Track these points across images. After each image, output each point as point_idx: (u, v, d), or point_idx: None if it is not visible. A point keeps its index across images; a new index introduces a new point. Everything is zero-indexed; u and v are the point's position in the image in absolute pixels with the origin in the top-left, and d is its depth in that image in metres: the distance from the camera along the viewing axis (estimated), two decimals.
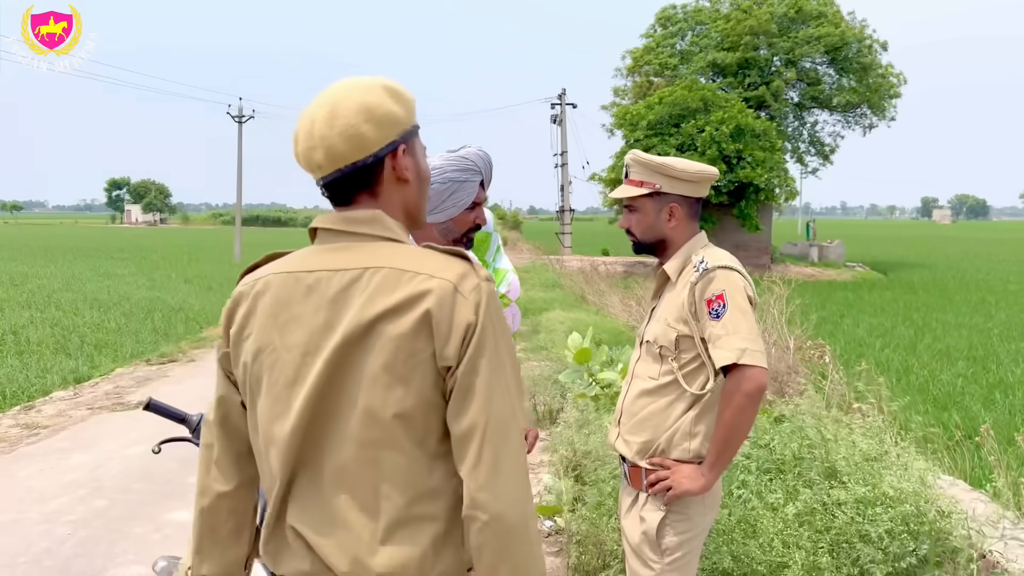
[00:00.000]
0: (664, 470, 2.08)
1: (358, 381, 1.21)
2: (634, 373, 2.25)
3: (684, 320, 2.10)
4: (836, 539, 2.67)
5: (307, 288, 1.26)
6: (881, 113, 32.21)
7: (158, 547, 4.02)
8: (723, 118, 24.85)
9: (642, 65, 33.37)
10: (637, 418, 2.15)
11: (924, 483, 2.73)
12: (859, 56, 31.28)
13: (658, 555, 2.08)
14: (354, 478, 1.22)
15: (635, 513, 2.14)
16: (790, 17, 31.64)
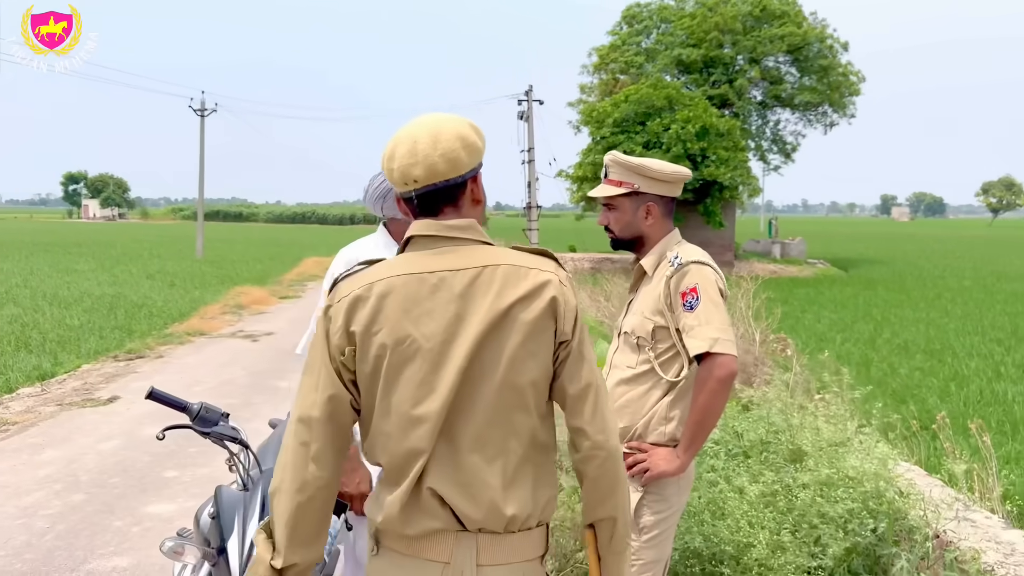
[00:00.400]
0: (641, 453, 2.19)
1: (498, 358, 1.46)
2: (612, 364, 2.36)
3: (660, 312, 2.22)
4: (798, 519, 2.82)
5: (432, 286, 1.47)
6: (842, 111, 32.81)
7: (139, 540, 4.06)
8: (688, 117, 25.15)
9: (608, 63, 33.61)
10: (616, 405, 2.26)
11: (885, 465, 2.88)
12: (820, 56, 31.85)
13: (635, 533, 2.19)
14: (487, 439, 1.47)
15: None
16: (755, 16, 32.09)
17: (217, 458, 5.34)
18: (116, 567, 3.75)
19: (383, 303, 1.47)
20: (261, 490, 2.06)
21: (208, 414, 2.23)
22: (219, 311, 13.27)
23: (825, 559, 2.64)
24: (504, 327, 1.46)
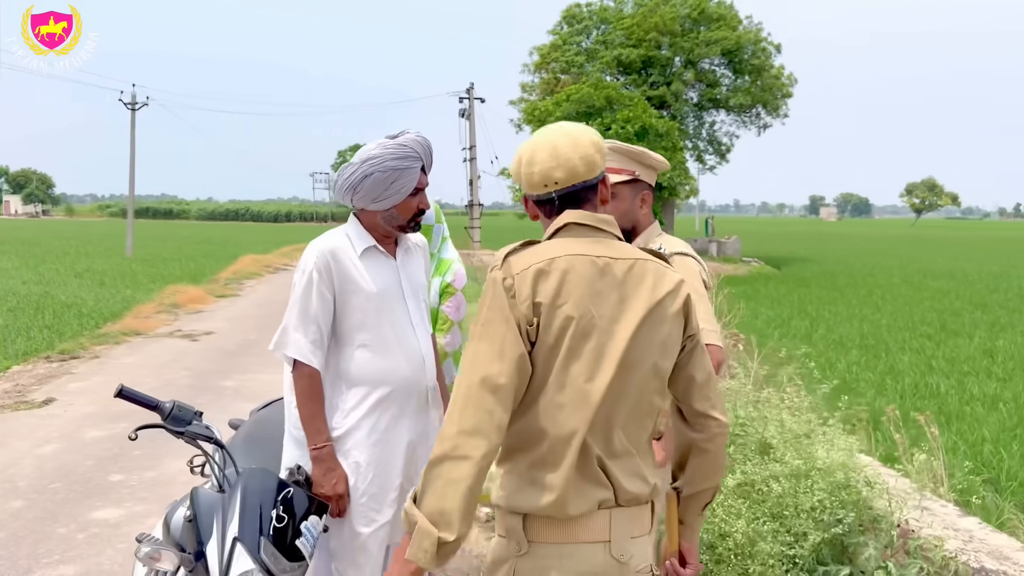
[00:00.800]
0: None
1: (651, 345, 1.60)
2: None
3: None
4: (773, 509, 2.86)
5: (600, 270, 1.59)
6: (775, 113, 33.68)
7: (85, 547, 3.89)
8: (628, 117, 25.49)
9: (549, 62, 33.81)
10: None
11: (852, 456, 2.95)
12: (754, 58, 32.63)
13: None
14: (635, 418, 1.61)
15: None
16: (692, 18, 32.68)
17: (164, 460, 5.17)
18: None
19: (566, 278, 1.55)
20: (240, 491, 1.98)
21: (181, 413, 2.14)
22: (154, 310, 12.85)
23: (802, 549, 2.68)
24: (657, 317, 1.60)
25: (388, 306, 2.47)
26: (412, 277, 2.57)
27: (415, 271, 2.59)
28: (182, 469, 4.96)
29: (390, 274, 2.50)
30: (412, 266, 2.58)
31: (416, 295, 2.56)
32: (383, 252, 2.51)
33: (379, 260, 2.49)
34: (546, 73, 34.25)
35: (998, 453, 6.24)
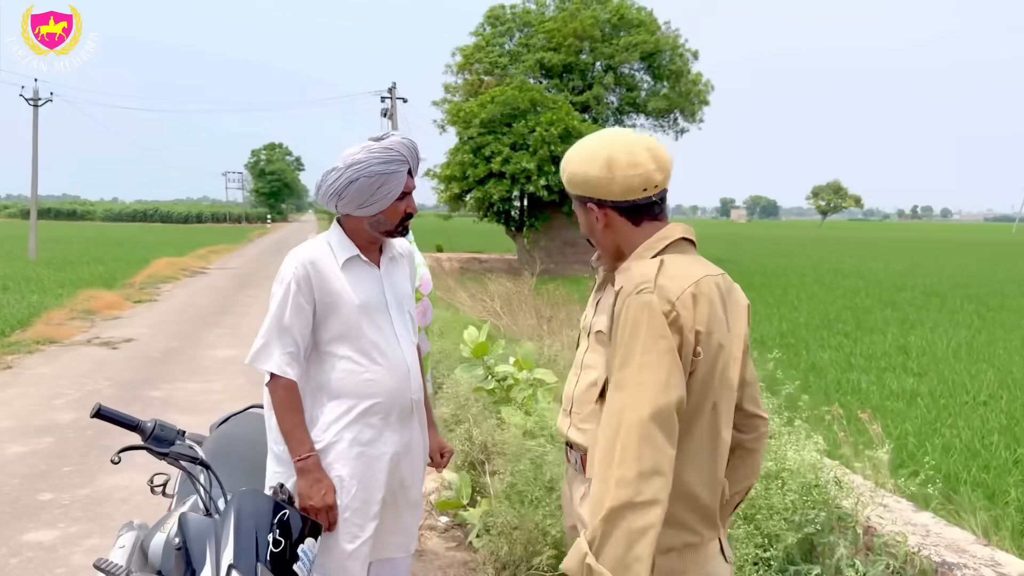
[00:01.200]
0: None
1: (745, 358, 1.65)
2: (584, 364, 2.29)
3: None
4: (745, 512, 2.90)
5: (721, 292, 1.58)
6: (692, 118, 34.53)
7: (19, 572, 3.64)
8: (552, 120, 25.66)
9: (472, 63, 33.79)
10: (588, 406, 2.21)
11: (821, 457, 3.02)
12: (672, 63, 33.37)
13: None
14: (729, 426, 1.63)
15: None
16: (612, 24, 33.17)
17: (97, 477, 4.90)
18: None
19: (712, 302, 1.52)
20: (233, 515, 1.86)
21: (163, 432, 2.01)
22: (67, 317, 12.21)
23: (775, 550, 2.73)
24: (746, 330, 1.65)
25: (371, 317, 2.41)
26: (396, 287, 2.50)
27: (400, 280, 2.52)
28: (118, 486, 4.74)
29: (374, 284, 2.44)
30: (397, 275, 2.52)
31: (400, 305, 2.50)
32: (366, 261, 2.44)
33: (362, 270, 2.43)
34: (470, 74, 34.22)
35: (922, 446, 6.53)
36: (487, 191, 25.59)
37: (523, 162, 24.90)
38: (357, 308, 2.37)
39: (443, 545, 3.99)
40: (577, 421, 2.25)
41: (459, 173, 26.27)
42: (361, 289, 2.39)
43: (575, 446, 2.27)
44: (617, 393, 1.48)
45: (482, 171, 25.67)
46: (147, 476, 2.43)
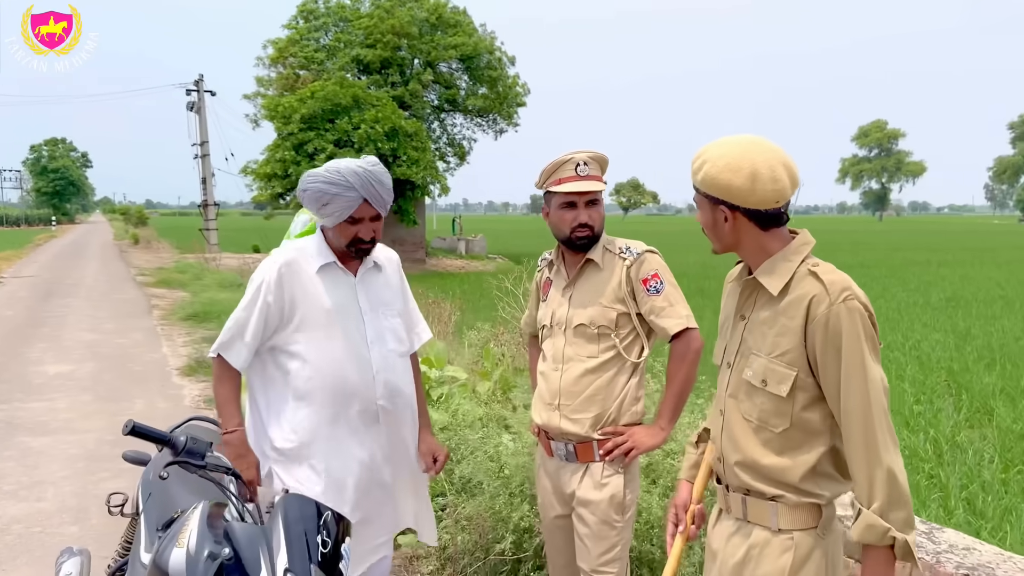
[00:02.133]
0: (618, 436, 2.40)
1: None
2: (566, 357, 2.46)
3: (621, 300, 2.42)
4: (672, 482, 3.24)
5: None
6: (508, 120, 35.46)
7: None
8: (377, 117, 25.45)
9: (287, 56, 32.68)
10: (583, 396, 2.41)
11: None
12: (489, 67, 34.08)
13: (620, 514, 2.40)
14: None
15: (592, 483, 2.41)
16: (430, 23, 33.32)
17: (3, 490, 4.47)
18: None
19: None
20: (282, 520, 1.90)
21: (195, 446, 2.01)
22: None
23: None
24: None
25: (341, 322, 2.48)
26: (372, 293, 2.58)
27: (377, 287, 2.60)
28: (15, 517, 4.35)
29: (346, 290, 2.52)
30: (374, 283, 2.60)
31: (375, 311, 2.57)
32: (341, 269, 2.52)
33: (336, 276, 2.52)
34: (284, 68, 33.09)
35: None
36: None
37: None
38: (326, 312, 2.46)
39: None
40: (568, 412, 2.45)
41: (280, 171, 25.40)
42: (333, 294, 2.48)
43: (565, 436, 2.47)
44: (857, 387, 1.62)
45: (305, 168, 24.94)
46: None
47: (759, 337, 1.76)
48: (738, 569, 1.78)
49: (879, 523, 1.58)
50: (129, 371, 8.56)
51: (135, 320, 12.59)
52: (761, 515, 1.76)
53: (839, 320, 1.62)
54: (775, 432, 1.73)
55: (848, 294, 1.64)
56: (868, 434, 1.61)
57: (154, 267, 24.15)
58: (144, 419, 6.16)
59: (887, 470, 1.59)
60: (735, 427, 1.80)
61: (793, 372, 1.69)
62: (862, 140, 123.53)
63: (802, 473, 1.71)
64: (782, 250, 1.75)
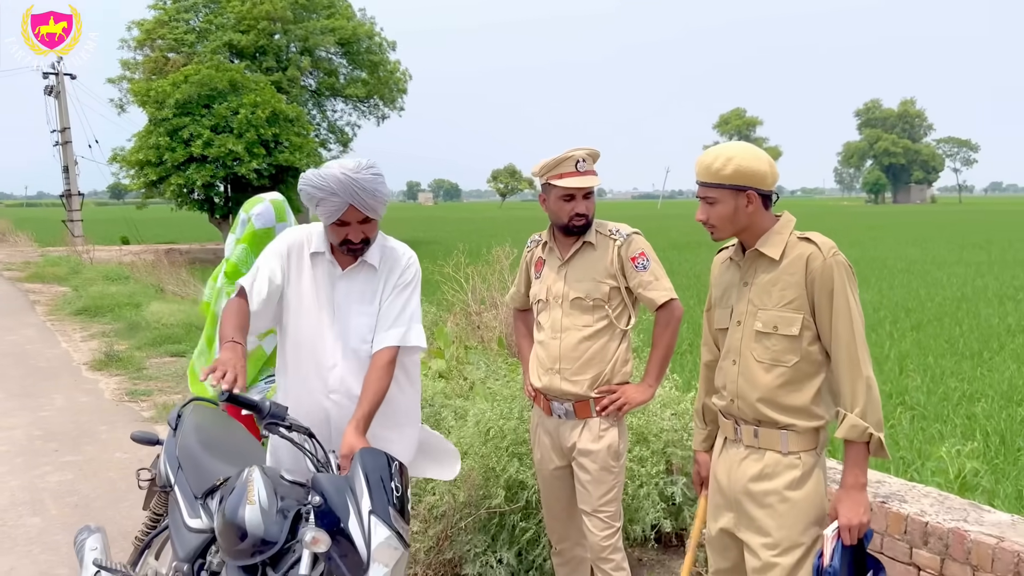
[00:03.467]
0: (612, 394, 2.78)
1: None
2: (563, 327, 2.81)
3: (612, 275, 2.78)
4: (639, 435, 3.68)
5: None
6: (391, 105, 35.30)
7: None
8: (256, 101, 24.80)
9: (155, 39, 31.20)
10: (581, 361, 2.77)
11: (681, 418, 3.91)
12: (369, 52, 33.77)
13: (616, 461, 2.79)
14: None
15: (591, 436, 2.78)
16: (302, 5, 32.59)
17: None
18: None
19: None
20: (361, 470, 2.16)
21: (276, 409, 2.23)
22: None
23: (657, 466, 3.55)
24: None
25: (312, 309, 2.62)
26: (354, 290, 2.62)
27: (357, 286, 2.63)
28: None
29: (326, 281, 2.63)
30: (357, 279, 2.64)
31: (347, 307, 2.61)
32: (330, 260, 2.62)
33: (323, 266, 2.63)
34: (151, 51, 31.57)
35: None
36: (189, 176, 23.94)
37: (228, 145, 23.74)
38: (302, 296, 2.62)
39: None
40: (567, 375, 2.83)
41: (155, 158, 24.28)
42: (318, 279, 2.63)
43: (564, 396, 2.83)
44: (848, 324, 2.10)
45: (181, 155, 23.97)
46: None
47: (764, 296, 2.19)
48: (753, 484, 2.22)
49: (860, 423, 2.06)
50: (34, 367, 8.27)
51: (19, 316, 11.99)
52: (772, 441, 2.21)
53: (831, 271, 2.10)
54: (788, 366, 2.16)
55: (836, 251, 2.13)
56: (851, 355, 2.09)
57: (19, 261, 22.71)
58: (68, 413, 6.17)
59: (866, 380, 2.07)
60: (752, 370, 2.21)
61: (800, 315, 2.14)
62: (723, 127, 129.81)
63: (811, 397, 2.16)
64: (774, 226, 2.23)
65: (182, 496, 2.63)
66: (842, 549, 2.14)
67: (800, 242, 2.18)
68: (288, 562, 2.18)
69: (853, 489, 2.12)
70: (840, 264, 2.12)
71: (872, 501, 3.50)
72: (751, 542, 2.24)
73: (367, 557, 2.05)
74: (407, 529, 2.21)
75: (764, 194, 2.18)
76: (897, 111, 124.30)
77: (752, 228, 2.22)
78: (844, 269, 2.12)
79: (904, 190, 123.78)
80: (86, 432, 5.95)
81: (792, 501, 2.18)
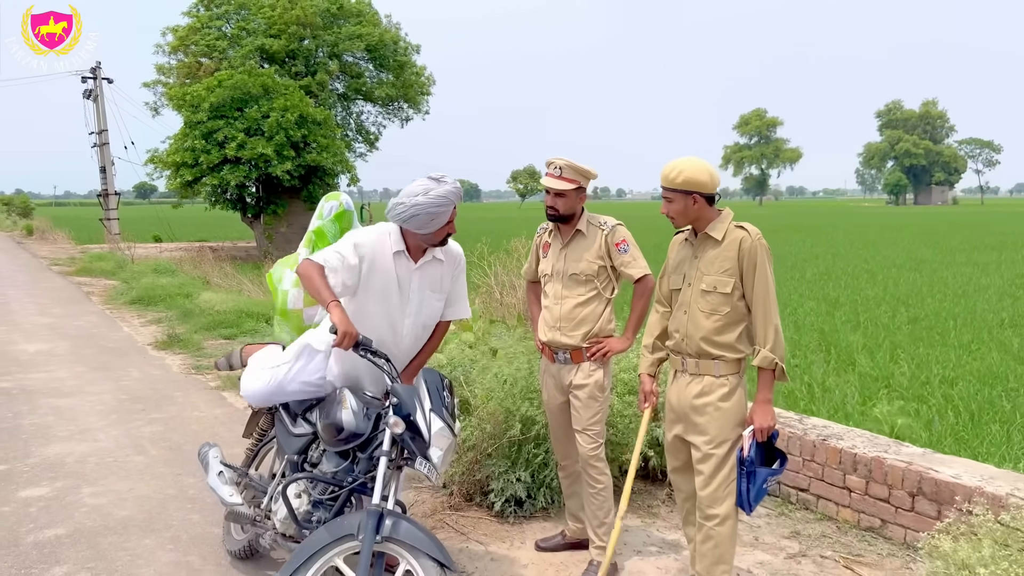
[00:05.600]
0: (599, 344, 3.66)
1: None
2: (563, 296, 3.69)
3: (601, 257, 3.61)
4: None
5: None
6: (416, 108, 36.35)
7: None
8: (286, 105, 25.86)
9: (188, 44, 32.44)
10: (576, 320, 3.63)
11: None
12: (396, 55, 34.81)
13: (601, 392, 3.67)
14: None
15: (583, 374, 3.63)
16: (332, 13, 33.71)
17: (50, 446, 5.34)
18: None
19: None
20: (424, 382, 3.07)
21: (366, 341, 3.13)
22: None
23: None
24: None
25: (393, 293, 3.41)
26: (425, 278, 3.43)
27: (431, 274, 3.45)
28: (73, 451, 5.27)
29: (405, 273, 3.41)
30: (430, 270, 3.44)
31: (421, 291, 3.42)
32: (407, 257, 3.40)
33: (402, 262, 3.40)
34: (185, 56, 32.83)
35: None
36: (223, 177, 25.08)
37: (260, 147, 24.85)
38: (386, 282, 3.41)
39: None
40: (566, 331, 3.74)
41: (190, 159, 25.46)
42: (397, 273, 3.43)
43: (564, 347, 3.74)
44: (764, 286, 2.98)
45: (216, 157, 25.13)
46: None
47: (709, 265, 3.09)
48: (696, 400, 3.14)
49: (769, 355, 2.97)
50: (105, 347, 9.31)
51: (78, 305, 13.08)
52: (709, 368, 3.12)
53: (756, 250, 2.99)
54: (722, 315, 3.06)
55: (759, 237, 3.03)
56: (766, 308, 3.00)
57: (63, 257, 23.95)
58: (145, 382, 7.22)
59: (775, 327, 2.99)
60: (697, 317, 3.10)
61: (732, 280, 3.04)
62: (743, 128, 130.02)
63: (736, 337, 3.07)
64: (718, 217, 3.14)
65: (287, 415, 3.57)
66: (756, 445, 3.05)
67: (736, 229, 3.08)
68: (372, 447, 3.12)
69: (764, 403, 3.03)
70: (762, 246, 3.00)
71: (815, 439, 4.40)
72: (695, 441, 3.15)
73: (429, 440, 2.97)
74: (456, 425, 3.13)
75: (707, 196, 3.06)
76: (919, 112, 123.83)
77: (700, 219, 3.12)
78: (764, 250, 3.01)
79: (925, 191, 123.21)
80: (165, 397, 6.95)
81: (723, 410, 3.08)
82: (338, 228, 4.41)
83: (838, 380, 7.71)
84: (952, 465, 3.97)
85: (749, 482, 3.03)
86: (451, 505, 4.40)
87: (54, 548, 3.92)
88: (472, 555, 3.87)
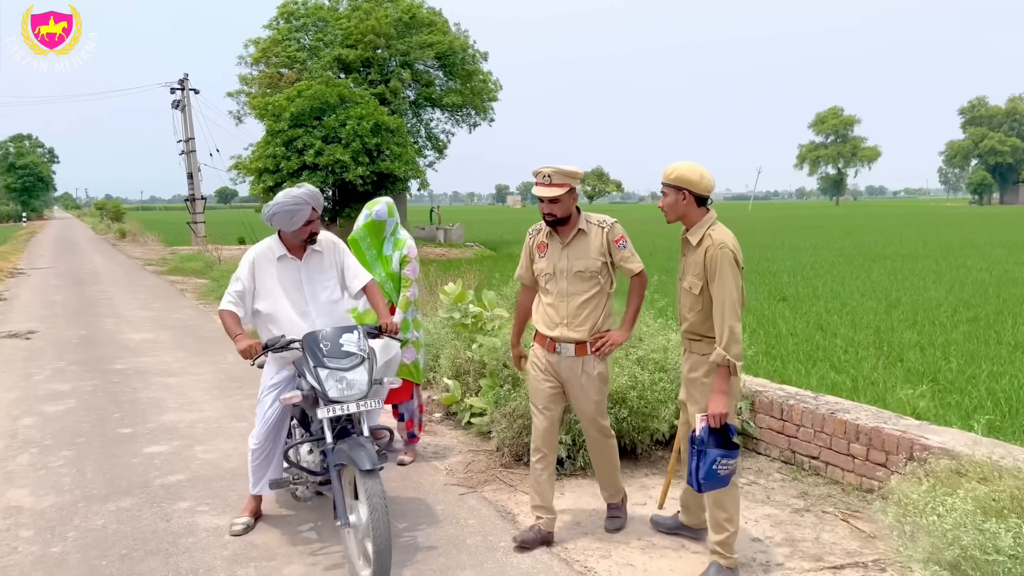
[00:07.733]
0: (604, 338, 3.82)
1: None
2: (569, 292, 3.80)
3: (603, 254, 3.78)
4: (661, 364, 5.21)
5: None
6: (483, 114, 37.23)
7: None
8: (362, 114, 27.03)
9: (269, 56, 34.07)
10: (581, 317, 3.78)
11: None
12: (464, 63, 35.75)
13: (604, 383, 3.90)
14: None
15: (589, 367, 3.83)
16: (405, 22, 34.88)
17: (166, 414, 6.28)
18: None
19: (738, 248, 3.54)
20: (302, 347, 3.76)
21: (271, 342, 3.81)
22: None
23: (671, 384, 5.07)
24: None
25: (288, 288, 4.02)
26: (312, 269, 4.06)
27: (316, 263, 4.08)
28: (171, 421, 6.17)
29: (293, 272, 4.05)
30: (314, 261, 4.07)
31: (312, 279, 4.05)
32: (292, 258, 4.05)
33: (288, 263, 4.05)
34: (266, 67, 34.49)
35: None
36: (302, 183, 26.29)
37: (337, 154, 26.07)
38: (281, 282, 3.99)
39: (445, 426, 6.01)
40: (573, 327, 3.99)
41: (272, 166, 26.86)
42: (284, 274, 4.01)
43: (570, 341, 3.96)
44: (721, 291, 3.30)
45: (295, 164, 26.46)
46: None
47: (689, 267, 3.51)
48: (690, 374, 3.61)
49: (722, 352, 3.33)
50: (201, 336, 10.36)
51: (174, 301, 14.30)
52: (696, 348, 3.61)
53: (716, 258, 3.35)
54: (697, 311, 3.50)
55: (722, 244, 3.34)
56: (721, 311, 3.35)
57: (155, 258, 25.65)
58: (240, 366, 8.25)
59: (730, 327, 3.32)
60: (683, 310, 3.57)
61: (701, 282, 3.43)
62: (819, 127, 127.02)
63: (708, 327, 3.47)
64: (700, 221, 3.49)
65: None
66: (708, 429, 3.44)
67: (707, 235, 3.43)
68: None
69: (718, 392, 3.40)
70: (724, 253, 3.34)
71: (825, 413, 4.95)
72: (689, 408, 3.73)
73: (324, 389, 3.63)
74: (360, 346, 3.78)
75: (697, 196, 3.44)
76: (1005, 108, 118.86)
77: (686, 217, 3.55)
78: (727, 257, 3.34)
79: (1012, 190, 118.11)
80: (257, 375, 7.82)
81: (707, 384, 3.58)
82: (368, 236, 5.15)
83: (885, 374, 7.78)
84: (942, 434, 4.47)
85: (699, 460, 3.39)
86: (503, 463, 5.11)
87: (177, 489, 4.80)
88: (519, 503, 4.55)
